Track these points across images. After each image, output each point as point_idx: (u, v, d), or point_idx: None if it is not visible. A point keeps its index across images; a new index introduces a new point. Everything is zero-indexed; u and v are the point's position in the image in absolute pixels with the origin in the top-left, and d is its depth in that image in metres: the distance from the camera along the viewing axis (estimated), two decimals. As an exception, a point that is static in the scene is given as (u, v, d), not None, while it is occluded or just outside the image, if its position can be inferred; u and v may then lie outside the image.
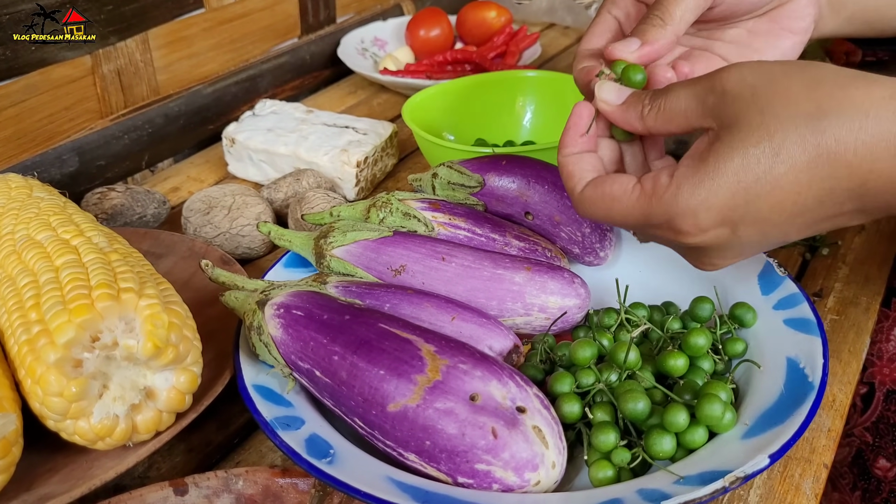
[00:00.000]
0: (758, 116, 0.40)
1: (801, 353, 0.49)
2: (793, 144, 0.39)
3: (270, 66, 1.02)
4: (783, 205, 0.40)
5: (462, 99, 0.86)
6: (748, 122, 0.40)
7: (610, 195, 0.44)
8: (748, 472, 0.41)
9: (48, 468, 0.47)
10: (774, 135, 0.39)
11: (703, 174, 0.40)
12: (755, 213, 0.40)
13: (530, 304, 0.55)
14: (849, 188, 0.39)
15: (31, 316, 0.45)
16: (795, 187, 0.39)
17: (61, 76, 0.80)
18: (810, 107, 0.39)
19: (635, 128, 0.46)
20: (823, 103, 0.39)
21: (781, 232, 0.42)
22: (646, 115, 0.45)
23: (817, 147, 0.38)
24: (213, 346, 0.52)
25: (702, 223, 0.41)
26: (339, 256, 0.58)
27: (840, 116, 0.38)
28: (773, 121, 0.39)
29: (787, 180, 0.39)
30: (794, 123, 0.39)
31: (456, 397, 0.43)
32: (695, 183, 0.41)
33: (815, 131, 0.38)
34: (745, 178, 0.39)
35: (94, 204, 0.72)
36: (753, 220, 0.41)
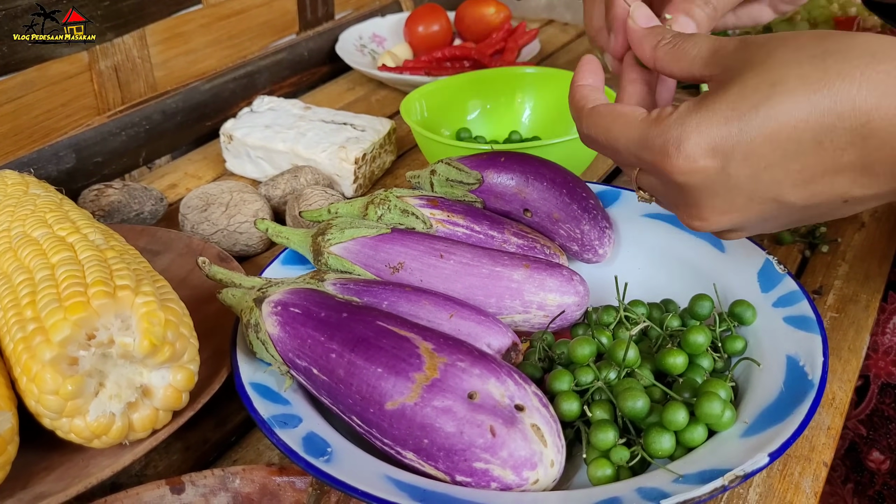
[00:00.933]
0: (764, 58, 0.39)
1: (800, 351, 0.49)
2: (794, 78, 0.37)
3: (268, 63, 1.02)
4: (778, 138, 0.38)
5: (461, 95, 0.86)
6: (754, 63, 0.39)
7: (616, 112, 0.44)
8: (748, 471, 0.40)
9: (44, 466, 0.46)
10: (775, 70, 0.38)
11: (701, 105, 0.40)
12: (747, 143, 0.38)
13: (529, 302, 0.54)
14: (851, 128, 0.37)
15: (26, 313, 0.44)
16: (792, 119, 0.37)
17: (58, 72, 0.80)
18: (816, 50, 0.38)
19: (645, 55, 0.46)
20: (830, 46, 0.38)
21: (774, 180, 0.39)
22: (659, 46, 0.45)
23: (819, 81, 0.37)
24: (210, 344, 0.51)
25: (692, 150, 0.39)
26: (336, 254, 0.57)
27: (846, 55, 0.37)
28: (776, 61, 0.38)
29: (783, 109, 0.37)
30: (798, 62, 0.38)
31: (454, 395, 0.42)
32: (693, 111, 0.40)
33: (818, 69, 0.37)
34: (741, 105, 0.38)
35: (90, 201, 0.71)
36: (745, 152, 0.38)
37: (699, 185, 0.41)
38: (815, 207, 0.41)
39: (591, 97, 0.47)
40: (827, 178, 0.39)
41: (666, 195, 0.44)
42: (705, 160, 0.39)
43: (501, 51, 1.09)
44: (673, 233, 0.61)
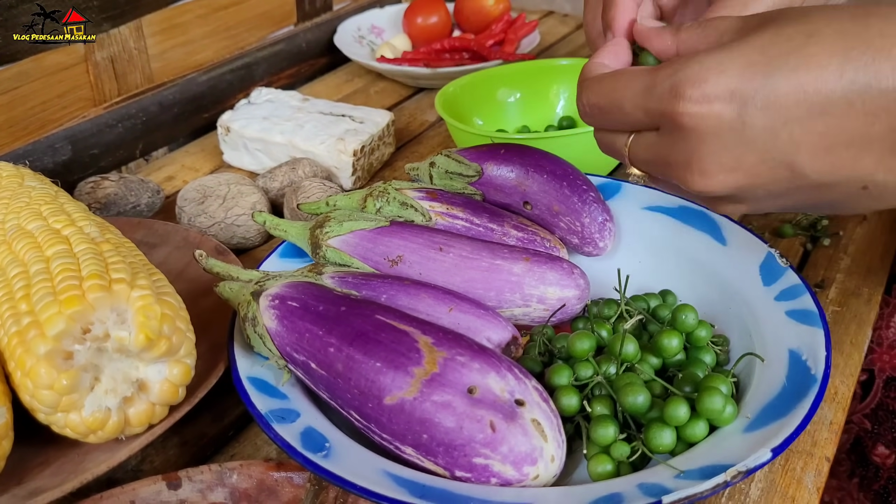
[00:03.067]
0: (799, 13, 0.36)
1: (803, 345, 0.48)
2: (832, 32, 0.34)
3: (266, 54, 1.01)
4: (805, 90, 0.34)
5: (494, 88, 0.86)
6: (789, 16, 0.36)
7: (619, 71, 0.41)
8: (750, 467, 0.40)
9: (39, 462, 0.46)
10: (813, 22, 0.35)
11: (724, 46, 0.37)
12: (771, 90, 0.35)
13: (529, 295, 0.54)
14: (887, 90, 0.33)
15: (21, 307, 0.44)
16: (825, 72, 0.34)
17: (54, 63, 0.79)
18: (859, 10, 0.35)
19: (665, 43, 0.42)
20: (873, 9, 0.35)
21: (792, 140, 0.35)
22: (683, 29, 0.41)
23: (858, 37, 0.34)
24: (207, 338, 0.51)
25: (708, 89, 0.36)
26: (335, 247, 0.57)
27: (889, 18, 0.34)
28: (815, 15, 0.36)
29: (816, 62, 0.34)
30: (839, 18, 0.35)
31: (453, 390, 0.42)
32: (714, 51, 0.36)
33: (859, 24, 0.34)
34: (770, 50, 0.35)
35: (87, 193, 0.71)
36: (766, 100, 0.35)
37: (709, 132, 0.37)
38: (829, 188, 0.37)
39: (598, 71, 0.43)
40: (852, 150, 0.35)
41: (665, 152, 0.40)
42: (721, 103, 0.36)
43: (501, 42, 1.08)
44: (674, 226, 0.60)
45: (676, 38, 0.42)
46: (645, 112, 0.39)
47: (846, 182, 0.36)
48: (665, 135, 0.39)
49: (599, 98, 0.42)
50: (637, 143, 0.42)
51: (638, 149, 0.42)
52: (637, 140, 0.42)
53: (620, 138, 0.43)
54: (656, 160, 0.41)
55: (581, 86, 0.44)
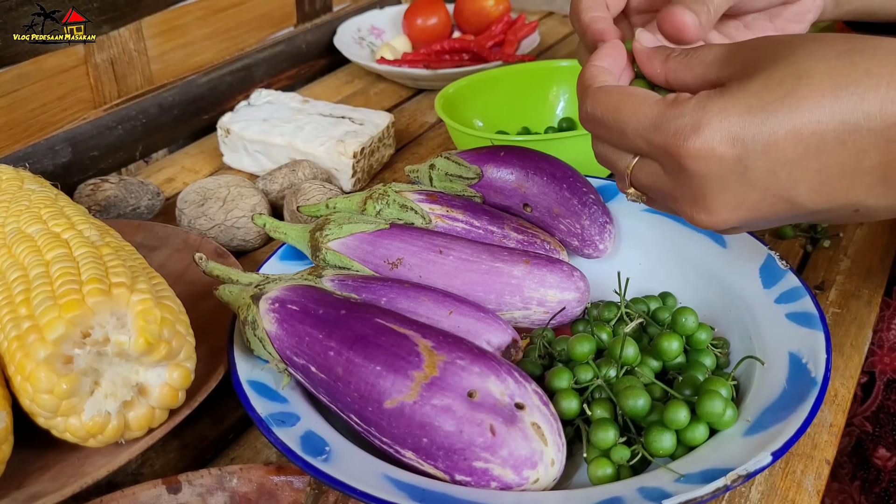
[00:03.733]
0: (786, 54, 0.38)
1: (803, 347, 0.48)
2: (820, 73, 0.36)
3: (266, 56, 1.01)
4: (800, 135, 0.36)
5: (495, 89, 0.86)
6: (777, 56, 0.38)
7: (627, 91, 0.42)
8: (750, 470, 0.40)
9: (39, 466, 0.46)
10: (802, 63, 0.37)
11: (724, 92, 0.38)
12: (769, 135, 0.37)
13: (529, 298, 0.54)
14: (875, 129, 0.36)
15: (20, 311, 0.44)
16: (817, 115, 0.36)
17: (54, 65, 0.79)
18: (843, 47, 0.37)
19: (655, 69, 0.44)
20: (857, 45, 0.37)
21: (791, 178, 0.38)
22: (671, 58, 0.43)
23: (846, 77, 0.36)
24: (206, 341, 0.51)
25: (711, 136, 0.38)
26: (335, 249, 0.57)
27: (874, 54, 0.36)
28: (803, 55, 0.37)
29: (809, 104, 0.36)
30: (825, 57, 0.37)
31: (453, 394, 0.42)
32: (715, 97, 0.38)
33: (845, 64, 0.36)
34: (765, 96, 0.37)
35: (87, 195, 0.71)
36: (766, 145, 0.37)
37: (712, 175, 0.39)
38: (825, 213, 0.39)
39: (601, 77, 0.44)
40: (845, 182, 0.37)
41: (669, 187, 0.41)
42: (724, 148, 0.38)
43: (501, 43, 1.08)
44: (674, 228, 0.60)
45: (665, 67, 0.43)
46: (648, 144, 0.41)
47: (840, 207, 0.39)
48: (669, 171, 0.41)
49: (603, 113, 0.42)
50: (640, 170, 0.43)
51: (641, 175, 0.43)
52: (640, 166, 0.43)
53: (623, 160, 0.44)
54: (660, 191, 0.42)
55: (585, 92, 0.44)
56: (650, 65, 0.44)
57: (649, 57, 0.44)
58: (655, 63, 0.44)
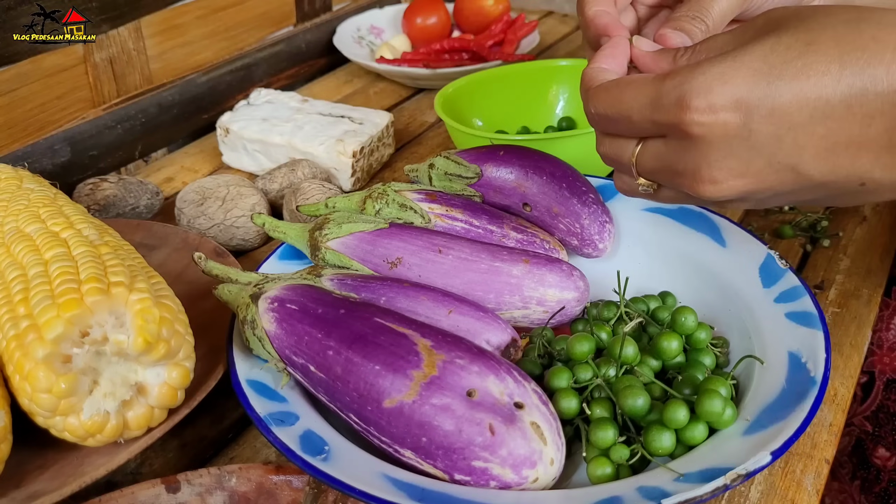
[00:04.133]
0: (795, 23, 0.38)
1: (802, 347, 0.48)
2: (828, 39, 0.36)
3: (265, 55, 1.01)
4: (807, 96, 0.36)
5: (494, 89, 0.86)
6: (786, 25, 0.38)
7: (624, 80, 0.41)
8: (750, 470, 0.40)
9: (38, 465, 0.46)
10: (810, 30, 0.37)
11: (727, 56, 0.38)
12: (775, 99, 0.36)
13: (528, 297, 0.54)
14: (882, 93, 0.35)
15: (19, 310, 0.44)
16: (824, 78, 0.36)
17: (53, 65, 0.79)
18: (850, 16, 0.37)
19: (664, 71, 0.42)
20: (864, 14, 0.37)
21: (796, 144, 0.37)
22: (678, 58, 0.42)
23: (853, 43, 0.36)
24: (205, 341, 0.51)
25: (715, 99, 0.37)
26: (334, 249, 0.57)
27: (880, 22, 0.36)
28: (810, 23, 0.37)
29: (815, 69, 0.36)
30: (833, 25, 0.37)
31: (453, 393, 0.42)
32: (717, 61, 0.38)
33: (853, 30, 0.36)
34: (772, 59, 0.37)
35: (86, 195, 0.71)
36: (771, 108, 0.37)
37: (716, 141, 0.38)
38: (831, 185, 0.39)
39: (601, 77, 0.44)
40: (851, 150, 0.37)
41: (674, 162, 0.41)
42: (727, 113, 0.37)
43: (500, 43, 1.08)
44: (673, 227, 0.60)
45: (674, 66, 0.42)
46: (652, 123, 0.40)
47: (845, 180, 0.38)
48: (673, 144, 0.40)
49: (606, 108, 0.42)
50: (644, 154, 0.42)
51: (645, 159, 0.42)
52: (644, 150, 0.42)
53: (627, 150, 0.43)
54: (665, 169, 0.42)
55: (586, 94, 0.44)
56: (657, 67, 0.43)
57: (655, 61, 0.44)
58: (663, 65, 0.43)
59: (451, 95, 0.82)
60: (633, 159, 0.43)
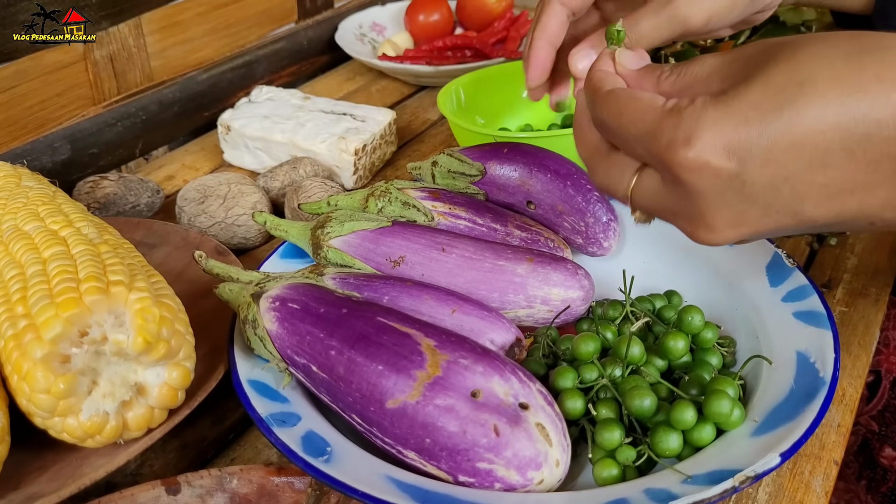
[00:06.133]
0: (788, 54, 0.35)
1: (811, 346, 0.48)
2: (825, 78, 0.33)
3: (267, 52, 1.00)
4: (802, 147, 0.34)
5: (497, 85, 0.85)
6: (777, 60, 0.35)
7: (632, 96, 0.39)
8: (759, 472, 0.39)
9: (37, 466, 0.45)
10: (804, 67, 0.34)
11: (720, 100, 0.35)
12: (768, 148, 0.34)
13: (532, 297, 0.53)
14: (889, 139, 0.33)
15: (17, 310, 0.43)
16: (821, 124, 0.33)
17: (53, 62, 0.78)
18: (851, 48, 0.34)
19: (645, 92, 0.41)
20: (866, 46, 0.34)
21: (794, 193, 0.35)
22: (662, 81, 0.40)
23: (854, 83, 0.33)
24: (206, 340, 0.50)
25: (704, 147, 0.35)
26: (336, 247, 0.56)
27: (884, 57, 0.33)
28: (805, 57, 0.34)
29: (811, 114, 0.33)
30: (830, 60, 0.34)
31: (457, 394, 0.41)
32: (711, 105, 0.36)
33: (853, 68, 0.33)
34: (763, 105, 0.34)
35: (86, 193, 0.70)
36: (763, 161, 0.34)
37: (708, 189, 0.36)
38: (837, 225, 0.37)
39: (610, 81, 0.42)
40: (856, 196, 0.35)
41: (669, 202, 0.39)
42: (718, 161, 0.35)
43: (503, 40, 1.07)
44: (679, 225, 0.60)
45: (658, 90, 0.40)
46: (648, 153, 0.39)
47: (853, 220, 0.36)
48: (667, 184, 0.39)
49: (608, 118, 0.40)
50: (640, 189, 0.41)
51: (640, 197, 0.41)
52: (639, 185, 0.41)
53: (622, 183, 0.42)
54: (661, 209, 0.40)
55: (593, 98, 0.42)
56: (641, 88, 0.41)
57: (638, 82, 0.42)
58: (647, 87, 0.41)
59: (454, 93, 0.81)
60: (629, 193, 0.41)
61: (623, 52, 0.43)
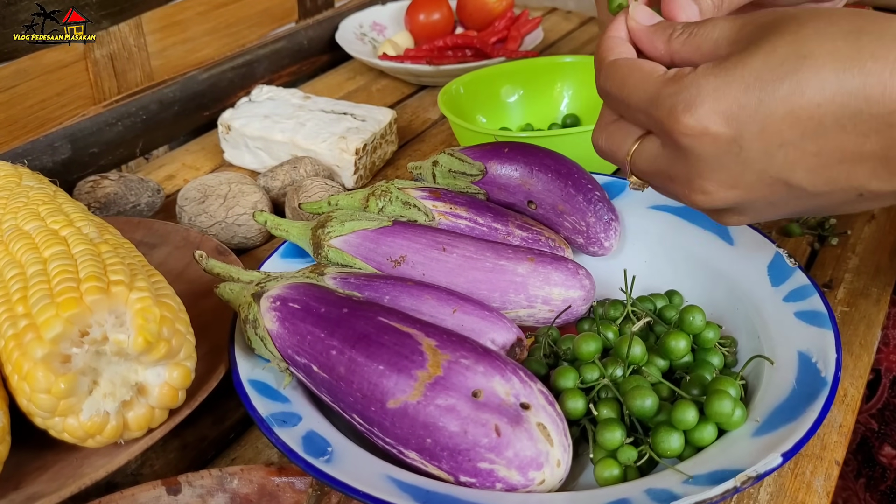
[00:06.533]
0: (794, 27, 0.36)
1: (812, 346, 0.47)
2: (824, 53, 0.35)
3: (267, 52, 1.00)
4: (798, 115, 0.36)
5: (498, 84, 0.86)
6: (783, 31, 0.37)
7: (635, 65, 0.41)
8: (760, 472, 0.39)
9: (37, 466, 0.45)
10: (807, 42, 0.36)
11: (722, 68, 0.37)
12: (766, 115, 0.36)
13: (533, 296, 0.53)
14: (878, 114, 0.35)
15: (17, 309, 0.43)
16: (817, 97, 0.35)
17: (53, 61, 0.78)
18: (851, 27, 0.36)
19: (659, 51, 0.42)
20: (866, 26, 0.35)
21: (787, 160, 0.37)
22: (674, 38, 0.41)
23: (850, 59, 0.35)
24: (207, 340, 0.50)
25: (704, 114, 0.37)
26: (337, 247, 0.56)
27: (882, 38, 0.35)
28: (808, 32, 0.36)
29: (810, 85, 0.35)
30: (831, 37, 0.35)
31: (458, 393, 0.41)
32: (712, 73, 0.37)
33: (851, 45, 0.35)
34: (765, 74, 0.36)
35: (86, 192, 0.70)
36: (762, 126, 0.36)
37: (706, 154, 0.38)
38: (826, 196, 0.38)
39: (617, 49, 0.43)
40: (845, 166, 0.37)
41: (666, 166, 0.41)
42: (717, 127, 0.37)
43: (504, 39, 1.07)
44: (680, 225, 0.60)
45: (668, 48, 0.42)
46: (647, 117, 0.40)
47: (842, 191, 0.38)
48: (666, 149, 0.40)
49: (611, 87, 0.42)
50: (640, 154, 0.42)
51: (640, 159, 0.42)
52: (640, 150, 0.42)
53: (623, 148, 0.43)
54: (658, 173, 0.42)
55: (598, 67, 0.43)
56: (651, 46, 0.43)
57: (650, 38, 0.43)
58: (658, 44, 0.42)
59: (455, 92, 0.81)
60: (629, 157, 0.43)
61: (637, 8, 0.44)
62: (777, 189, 0.39)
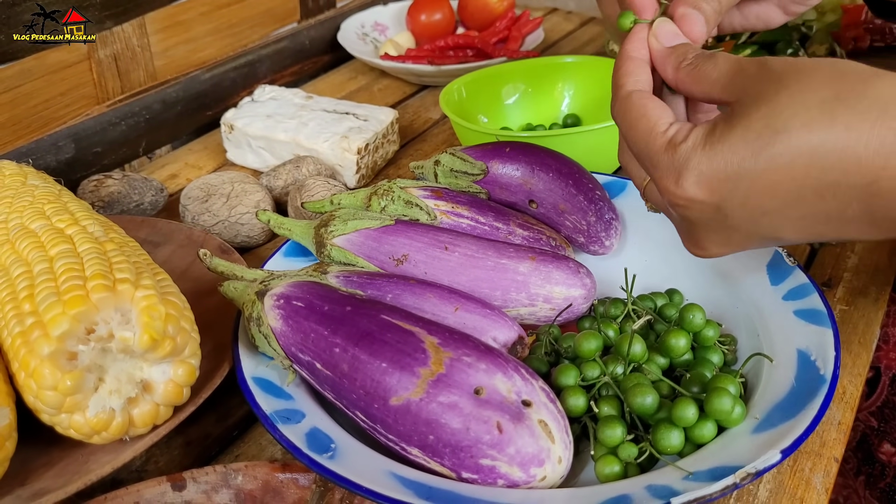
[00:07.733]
0: (774, 94, 0.38)
1: (811, 345, 0.48)
2: (798, 126, 0.36)
3: (269, 52, 1.01)
4: (776, 189, 0.37)
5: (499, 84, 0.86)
6: (764, 99, 0.38)
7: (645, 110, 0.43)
8: (759, 468, 0.40)
9: (43, 462, 0.46)
10: (782, 113, 0.37)
11: (707, 141, 0.39)
12: (745, 191, 0.38)
13: (535, 295, 0.54)
14: (856, 185, 0.36)
15: (24, 307, 0.44)
16: (791, 171, 0.37)
17: (57, 61, 0.79)
18: (828, 94, 0.36)
19: (667, 74, 0.45)
20: (842, 92, 0.36)
21: (773, 224, 0.39)
22: (681, 67, 0.43)
23: (825, 133, 0.36)
24: (211, 338, 0.51)
25: (689, 186, 0.40)
26: (339, 245, 0.57)
27: (856, 107, 0.36)
28: (786, 100, 0.37)
29: (783, 161, 0.37)
30: (806, 106, 0.37)
31: (460, 391, 0.42)
32: (699, 146, 0.39)
33: (826, 116, 0.36)
34: (741, 151, 0.38)
35: (90, 192, 0.71)
36: (742, 200, 0.38)
37: (696, 219, 0.41)
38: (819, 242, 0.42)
39: (634, 77, 0.45)
40: (832, 225, 0.38)
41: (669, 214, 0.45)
42: (703, 197, 0.39)
43: (505, 39, 1.08)
44: (681, 224, 0.60)
45: (675, 75, 0.44)
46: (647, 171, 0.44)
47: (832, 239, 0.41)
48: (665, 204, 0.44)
49: (621, 124, 0.45)
50: (651, 190, 0.46)
51: (652, 195, 0.46)
52: (651, 188, 0.45)
53: (638, 176, 0.47)
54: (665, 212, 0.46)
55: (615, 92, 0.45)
56: (663, 70, 0.45)
57: (663, 62, 0.45)
58: (668, 69, 0.44)
59: (456, 92, 0.81)
60: (643, 188, 0.46)
61: (662, 25, 0.45)
62: (769, 242, 0.42)
